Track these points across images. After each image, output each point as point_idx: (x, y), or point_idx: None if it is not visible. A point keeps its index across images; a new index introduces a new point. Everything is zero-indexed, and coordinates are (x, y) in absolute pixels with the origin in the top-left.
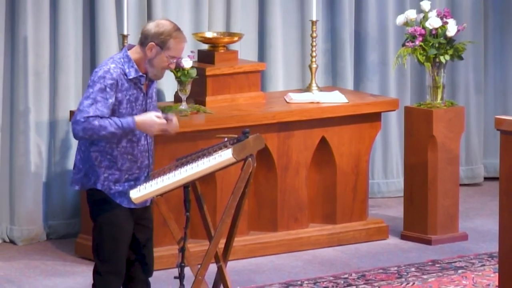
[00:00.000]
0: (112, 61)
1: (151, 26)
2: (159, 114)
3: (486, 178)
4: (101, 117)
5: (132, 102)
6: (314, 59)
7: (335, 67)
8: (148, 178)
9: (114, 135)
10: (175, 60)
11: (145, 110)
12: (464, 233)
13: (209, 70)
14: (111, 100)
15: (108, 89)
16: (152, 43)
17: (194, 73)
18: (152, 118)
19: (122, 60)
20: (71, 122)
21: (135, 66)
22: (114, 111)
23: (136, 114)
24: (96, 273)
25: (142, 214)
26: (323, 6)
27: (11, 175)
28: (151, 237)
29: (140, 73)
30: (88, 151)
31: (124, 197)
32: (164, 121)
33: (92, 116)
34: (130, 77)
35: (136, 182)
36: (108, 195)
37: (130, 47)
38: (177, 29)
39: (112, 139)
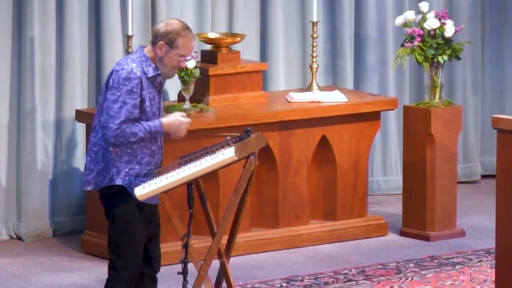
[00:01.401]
0: (131, 60)
1: (161, 26)
2: (184, 113)
3: (483, 176)
4: (132, 123)
5: (151, 100)
6: (314, 59)
7: (335, 67)
8: (152, 176)
9: (142, 140)
10: (184, 59)
11: (159, 108)
12: (461, 229)
13: (212, 70)
14: (139, 99)
15: (135, 89)
16: (161, 42)
17: (197, 73)
18: (178, 118)
19: (140, 59)
20: (102, 127)
21: (153, 65)
22: (139, 108)
23: (153, 112)
24: (111, 268)
25: (152, 210)
26: (324, 7)
27: (18, 173)
28: (159, 232)
29: (158, 72)
30: (103, 149)
31: None
32: (189, 119)
33: (124, 123)
34: (149, 75)
35: (152, 178)
36: (127, 191)
37: (144, 46)
38: (186, 28)
39: (139, 143)
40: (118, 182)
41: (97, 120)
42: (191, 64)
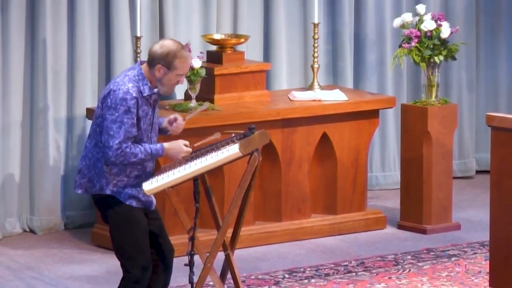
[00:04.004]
0: (128, 79)
1: (156, 48)
2: (187, 142)
3: (477, 172)
4: (132, 142)
5: (144, 117)
6: (316, 60)
7: (336, 67)
8: (159, 171)
9: (142, 161)
10: (183, 77)
11: (151, 124)
12: (457, 223)
13: (217, 70)
14: (135, 117)
15: (132, 109)
16: (159, 64)
17: (203, 72)
18: (180, 146)
19: (137, 77)
20: (103, 146)
21: (149, 84)
22: (136, 127)
23: (145, 129)
24: (123, 270)
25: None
26: (325, 9)
27: (31, 168)
28: (163, 226)
29: (153, 91)
30: (95, 159)
31: (133, 199)
32: (189, 149)
33: (124, 141)
34: (145, 94)
35: (141, 187)
36: (118, 198)
37: (142, 63)
38: (181, 48)
39: (139, 164)
40: (108, 192)
41: (92, 128)
42: (197, 64)
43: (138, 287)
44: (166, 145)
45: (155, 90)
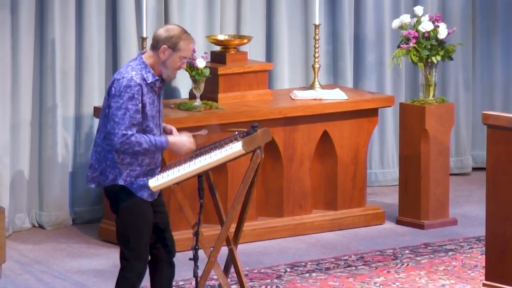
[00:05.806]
0: (131, 68)
1: (162, 31)
2: (191, 139)
3: (474, 168)
4: (137, 129)
5: (151, 104)
6: (317, 60)
7: (336, 67)
8: (165, 168)
9: (146, 151)
10: (185, 60)
11: (158, 110)
12: (454, 218)
13: (221, 70)
14: (140, 105)
15: (136, 96)
16: (165, 46)
17: (207, 72)
18: (183, 142)
19: (139, 66)
20: (109, 133)
21: (152, 71)
22: (141, 113)
23: (153, 115)
24: (123, 259)
25: (156, 201)
26: (325, 11)
27: (40, 165)
28: (168, 221)
29: (157, 77)
30: (105, 151)
31: (144, 191)
32: (193, 145)
33: (129, 128)
34: (149, 81)
35: (152, 176)
36: (130, 189)
37: (143, 53)
38: (185, 31)
39: (143, 154)
40: (120, 182)
41: (101, 122)
42: (201, 64)
43: (137, 278)
44: (171, 138)
45: (158, 76)
